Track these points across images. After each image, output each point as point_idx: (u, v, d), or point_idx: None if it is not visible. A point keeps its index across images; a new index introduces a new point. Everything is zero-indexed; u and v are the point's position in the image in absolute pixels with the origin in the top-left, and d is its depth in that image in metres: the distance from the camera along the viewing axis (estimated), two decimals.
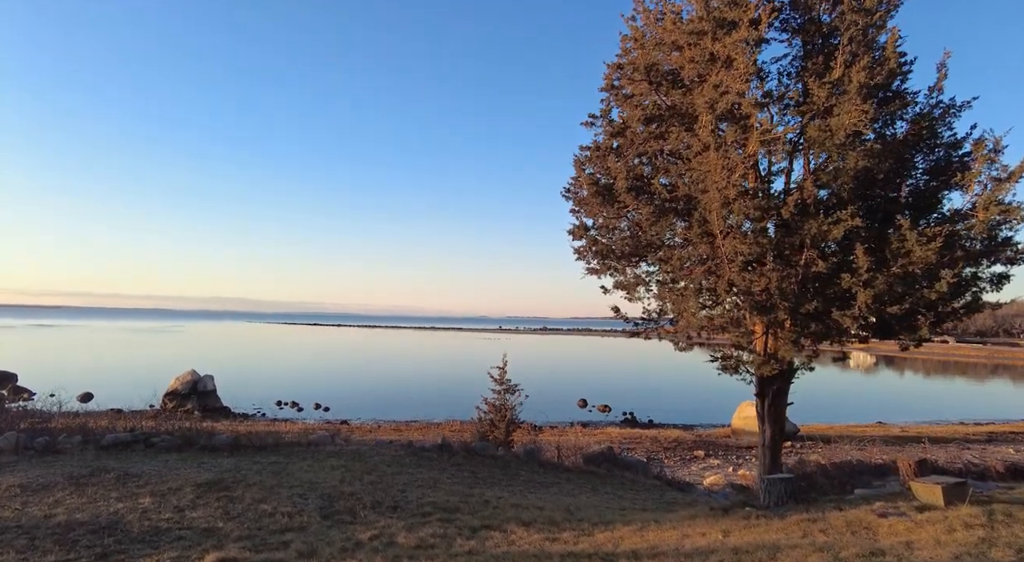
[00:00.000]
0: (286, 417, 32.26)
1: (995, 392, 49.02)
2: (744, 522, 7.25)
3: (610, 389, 43.21)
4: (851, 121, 6.82)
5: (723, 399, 39.37)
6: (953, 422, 34.48)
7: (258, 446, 10.61)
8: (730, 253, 7.13)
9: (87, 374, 43.98)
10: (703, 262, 7.62)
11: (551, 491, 10.37)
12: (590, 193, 8.72)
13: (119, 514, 6.70)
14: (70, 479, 8.02)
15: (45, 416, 12.24)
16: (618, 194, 8.16)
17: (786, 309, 7.22)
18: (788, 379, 9.08)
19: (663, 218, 8.00)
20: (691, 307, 7.90)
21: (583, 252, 9.53)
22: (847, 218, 6.78)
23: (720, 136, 7.28)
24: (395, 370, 53.51)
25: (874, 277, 6.78)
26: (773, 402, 9.21)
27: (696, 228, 7.60)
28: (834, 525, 6.70)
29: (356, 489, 8.52)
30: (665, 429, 29.47)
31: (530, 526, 7.22)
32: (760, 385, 9.24)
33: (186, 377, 34.68)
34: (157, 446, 10.13)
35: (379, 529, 6.77)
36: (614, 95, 8.62)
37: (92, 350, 68.59)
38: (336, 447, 11.14)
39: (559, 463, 12.06)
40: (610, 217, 8.81)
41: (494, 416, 13.15)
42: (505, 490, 9.81)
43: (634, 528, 7.17)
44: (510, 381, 13.58)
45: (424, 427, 27.43)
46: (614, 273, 9.34)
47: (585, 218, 9.43)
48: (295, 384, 40.96)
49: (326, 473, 9.36)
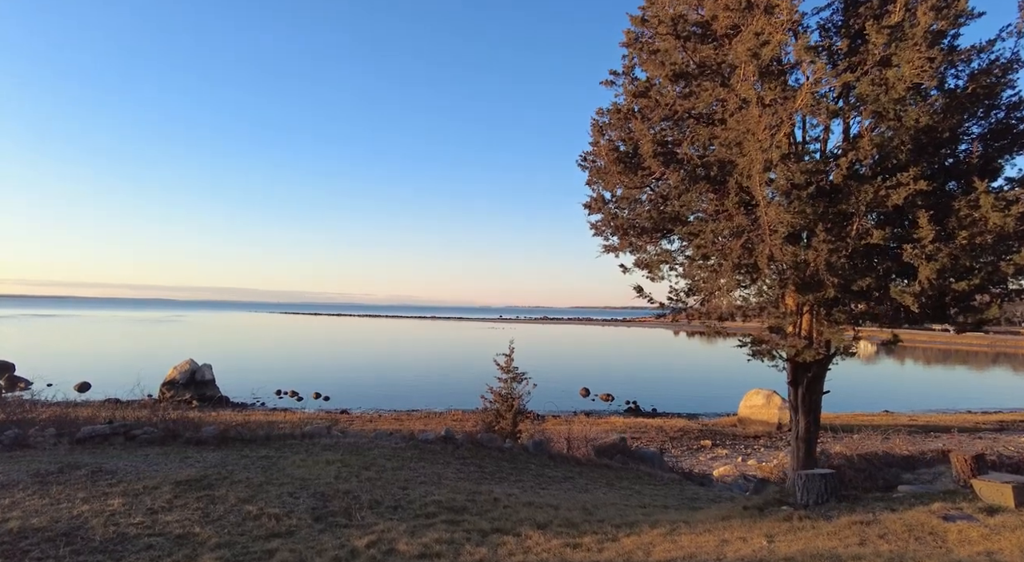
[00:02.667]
0: (285, 406, 31.67)
1: (999, 381, 48.31)
2: (786, 524, 6.40)
3: (612, 378, 42.51)
4: (913, 72, 5.89)
5: (727, 388, 38.71)
6: (960, 411, 33.86)
7: (248, 439, 9.76)
8: (773, 223, 6.25)
9: (86, 363, 43.29)
10: (739, 234, 6.72)
11: (564, 486, 9.56)
12: (609, 160, 7.78)
13: (82, 518, 5.83)
14: (35, 477, 7.16)
15: (26, 406, 11.36)
16: (643, 160, 7.25)
17: (836, 286, 6.35)
18: (825, 365, 8.21)
19: (694, 186, 7.09)
20: (725, 285, 7.01)
21: (600, 227, 8.61)
22: (909, 181, 5.88)
23: (762, 89, 6.34)
24: (396, 359, 52.77)
25: (938, 249, 5.90)
26: (808, 390, 8.34)
27: (732, 196, 6.71)
28: (893, 530, 5.86)
29: (353, 486, 7.68)
30: (670, 418, 28.86)
31: (546, 529, 6.38)
32: (794, 372, 8.36)
33: (183, 366, 34.11)
34: (138, 439, 9.27)
35: (378, 533, 5.93)
36: (637, 50, 7.67)
37: (92, 339, 67.80)
38: (332, 439, 10.30)
39: (570, 455, 11.25)
40: (632, 187, 7.88)
41: (500, 406, 12.31)
42: (515, 486, 8.99)
43: (663, 531, 6.32)
44: (517, 369, 12.73)
45: (426, 417, 26.76)
46: (635, 250, 8.45)
47: (603, 190, 8.53)
48: (295, 373, 40.23)
49: (320, 468, 8.52)
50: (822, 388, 8.40)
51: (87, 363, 43.50)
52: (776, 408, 27.03)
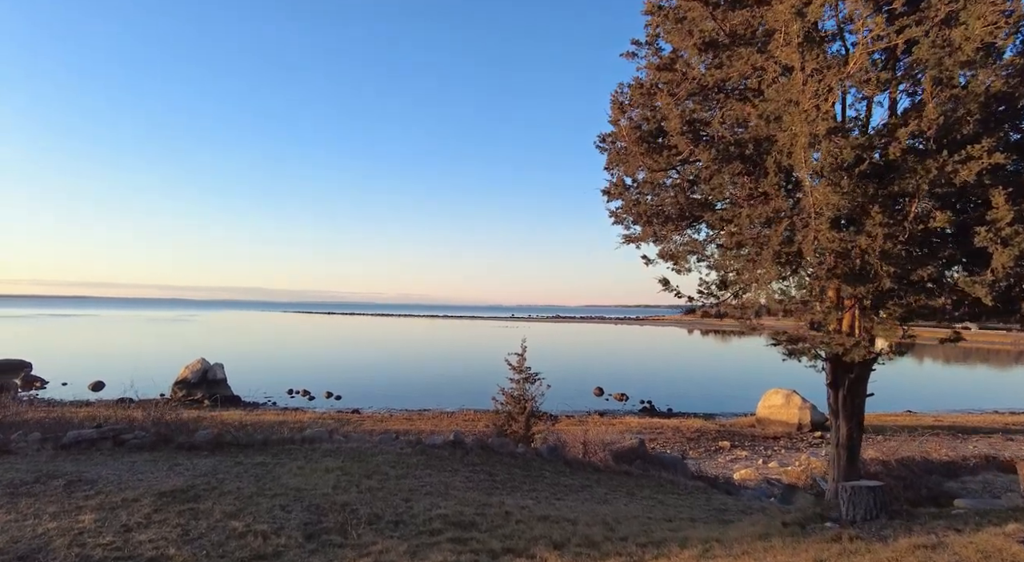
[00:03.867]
0: (297, 406, 31.33)
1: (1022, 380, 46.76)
2: (836, 546, 5.60)
3: (626, 377, 41.65)
4: (985, 29, 5.09)
5: (743, 387, 37.68)
6: (986, 411, 32.66)
7: (244, 444, 9.12)
8: (818, 205, 5.47)
9: (101, 363, 43.29)
10: (779, 220, 5.94)
11: (581, 497, 8.83)
12: (631, 141, 7.02)
13: (47, 538, 5.19)
14: (7, 488, 6.54)
15: (11, 408, 10.82)
16: (669, 138, 6.50)
17: (892, 277, 5.56)
18: (869, 366, 7.38)
19: (726, 166, 6.31)
20: (763, 276, 6.22)
21: (621, 215, 7.83)
22: (982, 154, 5.08)
23: (806, 55, 5.54)
24: (408, 358, 52.26)
25: (1016, 231, 5.09)
26: (849, 393, 7.52)
27: (771, 177, 5.93)
28: (965, 556, 5.06)
29: (351, 498, 6.99)
30: (686, 418, 28.08)
31: (563, 549, 5.64)
32: (834, 373, 7.55)
33: (195, 366, 33.94)
34: (127, 444, 8.66)
35: (375, 555, 5.23)
36: (661, 19, 6.90)
37: (107, 339, 68.11)
38: (334, 444, 9.63)
39: (587, 461, 10.50)
40: (657, 169, 7.11)
41: (512, 408, 11.57)
42: (528, 496, 8.28)
43: (695, 553, 5.55)
44: (529, 369, 11.99)
45: (436, 417, 26.22)
46: (659, 240, 7.67)
47: (624, 174, 7.76)
48: (307, 372, 39.87)
49: (318, 477, 7.84)
50: (865, 390, 7.58)
51: (102, 362, 43.52)
52: (796, 408, 26.15)
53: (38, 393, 33.03)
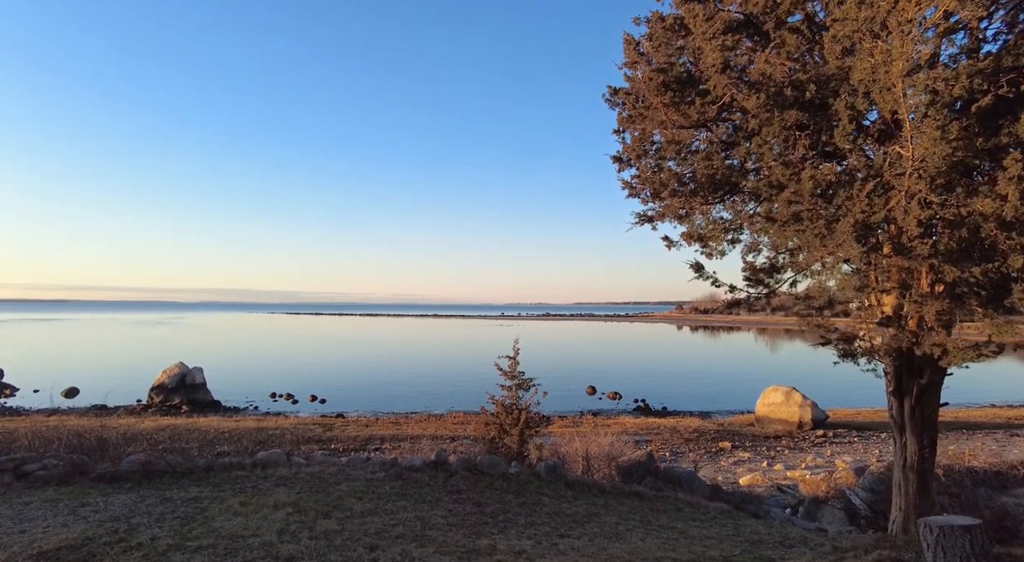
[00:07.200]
0: (279, 410, 29.78)
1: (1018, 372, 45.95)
2: None
3: (618, 375, 40.31)
4: None
5: (738, 383, 36.41)
6: (984, 405, 31.75)
7: (181, 471, 7.38)
8: (922, 158, 3.93)
9: (77, 368, 41.29)
10: (863, 182, 4.37)
11: (588, 529, 7.23)
12: (652, 89, 5.41)
13: None
14: None
15: None
16: (705, 80, 4.93)
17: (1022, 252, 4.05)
18: (944, 370, 5.87)
19: (779, 115, 4.73)
20: (839, 252, 4.62)
21: (636, 187, 6.23)
22: None
23: None
24: (396, 359, 50.45)
25: None
26: (918, 403, 5.97)
27: (844, 124, 4.37)
28: None
29: (300, 549, 5.30)
30: (683, 417, 26.82)
31: None
32: (898, 379, 6.00)
33: (173, 370, 32.15)
34: (31, 476, 6.90)
35: None
36: None
37: (85, 343, 65.49)
38: (292, 469, 7.92)
39: (591, 480, 8.90)
40: (686, 125, 5.47)
41: (504, 419, 9.95)
42: (525, 534, 6.65)
43: None
44: (523, 374, 10.37)
45: (424, 420, 24.72)
46: (682, 218, 6.07)
47: (641, 136, 6.14)
48: (291, 375, 38.09)
49: (263, 517, 6.14)
50: (938, 400, 6.03)
51: (78, 368, 41.54)
52: (796, 406, 24.94)
53: (6, 401, 30.97)
